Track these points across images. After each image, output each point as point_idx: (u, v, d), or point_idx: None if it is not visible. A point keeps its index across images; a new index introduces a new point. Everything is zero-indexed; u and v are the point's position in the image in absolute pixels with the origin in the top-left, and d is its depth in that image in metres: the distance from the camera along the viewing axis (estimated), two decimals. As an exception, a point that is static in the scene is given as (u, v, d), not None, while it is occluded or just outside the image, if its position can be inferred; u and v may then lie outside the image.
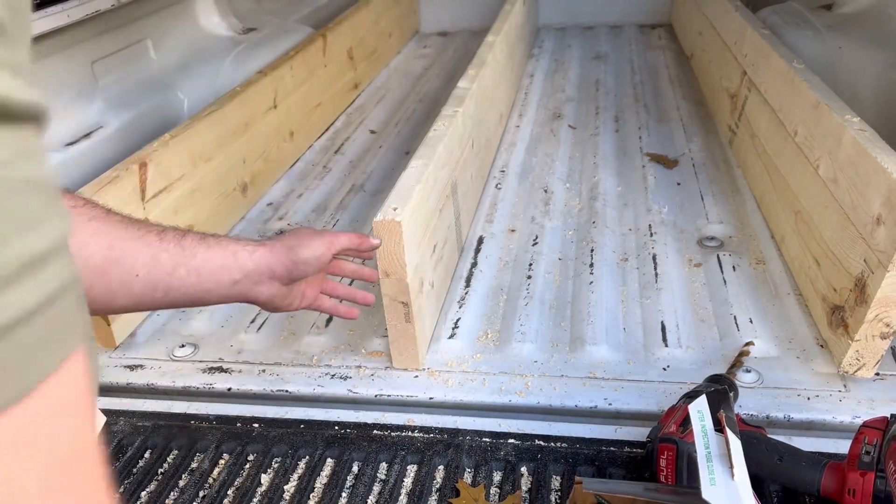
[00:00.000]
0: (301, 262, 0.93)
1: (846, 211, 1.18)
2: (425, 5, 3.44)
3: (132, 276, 0.78)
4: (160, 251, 0.80)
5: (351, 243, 1.00)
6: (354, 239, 1.01)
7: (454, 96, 1.57)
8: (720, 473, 0.76)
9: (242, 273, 0.88)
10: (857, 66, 1.96)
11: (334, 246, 0.98)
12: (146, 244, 0.80)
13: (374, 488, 1.02)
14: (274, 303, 0.95)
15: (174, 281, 0.81)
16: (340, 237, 0.99)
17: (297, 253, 0.93)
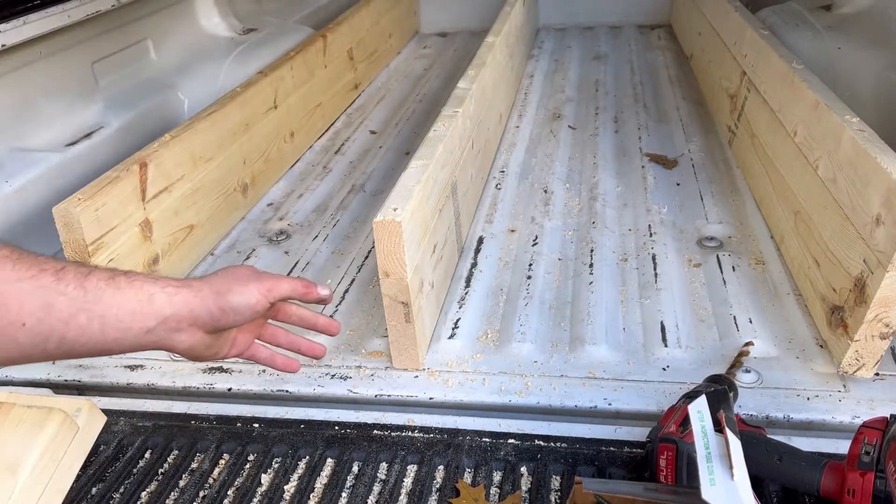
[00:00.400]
0: (230, 310, 0.79)
1: (845, 211, 1.18)
2: (425, 6, 3.44)
3: (17, 325, 0.65)
4: (56, 294, 0.67)
5: (294, 292, 0.86)
6: (299, 287, 0.86)
7: (454, 97, 1.57)
8: (720, 474, 0.76)
9: (158, 320, 0.73)
10: (857, 67, 1.96)
11: (273, 294, 0.83)
12: (38, 286, 0.66)
13: (375, 488, 1.02)
14: (195, 352, 0.80)
15: (71, 330, 0.68)
16: (282, 284, 0.85)
17: (227, 299, 0.78)
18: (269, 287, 0.83)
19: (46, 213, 1.23)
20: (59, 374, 1.29)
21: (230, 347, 0.87)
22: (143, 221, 1.37)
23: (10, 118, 1.60)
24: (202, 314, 0.77)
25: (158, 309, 0.73)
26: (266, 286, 0.82)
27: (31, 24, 1.56)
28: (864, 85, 1.91)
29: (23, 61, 1.62)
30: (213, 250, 1.65)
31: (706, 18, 2.50)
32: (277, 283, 0.84)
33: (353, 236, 1.70)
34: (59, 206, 1.20)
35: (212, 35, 2.37)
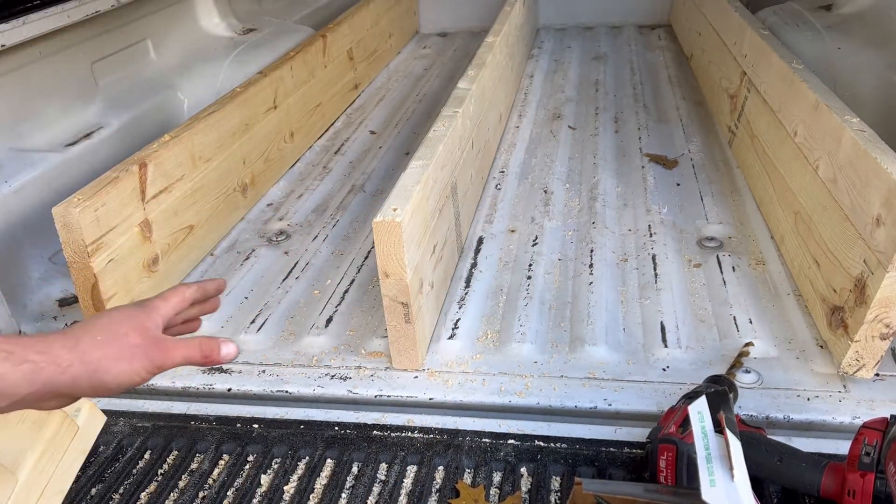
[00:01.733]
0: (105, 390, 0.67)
1: (846, 211, 1.18)
2: (425, 6, 3.44)
3: None
4: None
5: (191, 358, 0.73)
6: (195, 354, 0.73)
7: (454, 97, 1.57)
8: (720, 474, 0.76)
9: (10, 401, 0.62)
10: (857, 67, 1.96)
11: (162, 370, 0.70)
12: None
13: (374, 489, 1.02)
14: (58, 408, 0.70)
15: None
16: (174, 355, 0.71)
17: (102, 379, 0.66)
18: (159, 364, 0.70)
19: (46, 214, 1.23)
20: (58, 374, 1.29)
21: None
22: (142, 222, 1.37)
23: (10, 118, 1.60)
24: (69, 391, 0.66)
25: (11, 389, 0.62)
26: (155, 363, 0.69)
27: (30, 24, 1.56)
28: (864, 85, 1.91)
29: (23, 61, 1.62)
30: (212, 250, 1.65)
31: (706, 18, 2.50)
32: (169, 355, 0.70)
33: (352, 236, 1.70)
34: (58, 206, 1.20)
35: (212, 35, 2.37)
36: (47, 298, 1.50)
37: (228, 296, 1.47)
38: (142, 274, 1.36)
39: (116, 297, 1.29)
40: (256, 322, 1.39)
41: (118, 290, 1.29)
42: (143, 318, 0.71)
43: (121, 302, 1.30)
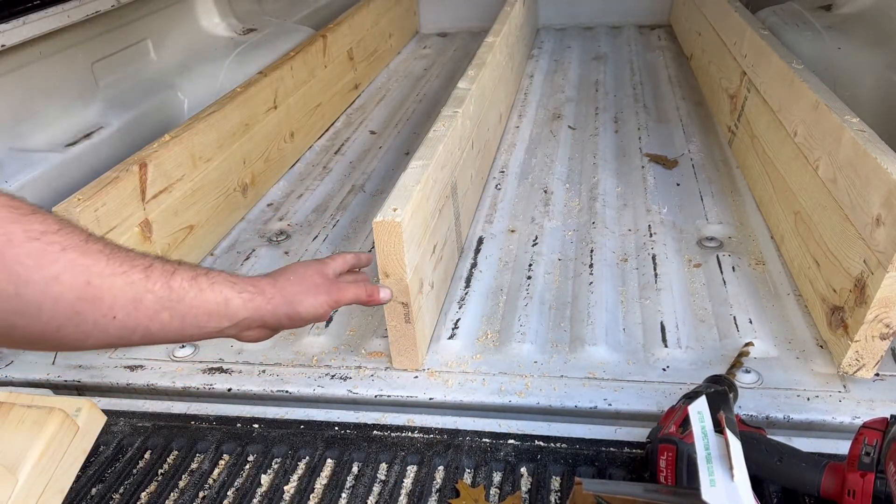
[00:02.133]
0: (298, 319, 0.87)
1: (846, 211, 1.18)
2: (425, 6, 3.44)
3: (109, 318, 0.68)
4: (145, 292, 0.70)
5: (358, 298, 0.96)
6: (362, 294, 0.96)
7: (454, 97, 1.57)
8: (720, 474, 0.76)
9: (232, 322, 0.80)
10: (857, 67, 1.96)
11: (338, 304, 0.93)
12: (129, 282, 0.69)
13: (374, 489, 1.02)
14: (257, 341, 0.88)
15: (154, 325, 0.72)
16: (346, 293, 0.93)
17: (297, 310, 0.86)
18: (337, 299, 0.91)
19: (46, 214, 1.23)
20: (59, 374, 1.29)
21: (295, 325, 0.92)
22: (142, 222, 1.37)
23: (10, 118, 1.60)
24: (271, 320, 0.84)
25: (234, 312, 0.79)
26: (334, 298, 0.91)
27: (31, 24, 1.56)
28: (864, 85, 1.91)
29: (23, 61, 1.62)
30: (212, 250, 1.65)
31: (706, 18, 2.50)
32: (342, 294, 0.92)
33: (352, 236, 1.70)
34: (58, 206, 1.20)
35: (212, 35, 2.37)
36: (47, 298, 1.50)
37: (228, 296, 1.47)
38: (142, 274, 1.36)
39: (116, 297, 1.29)
40: (256, 322, 1.39)
41: (118, 290, 1.29)
42: (322, 267, 0.93)
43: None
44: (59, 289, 0.63)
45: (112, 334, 0.69)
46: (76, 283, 0.65)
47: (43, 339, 0.65)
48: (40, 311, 0.63)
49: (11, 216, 0.62)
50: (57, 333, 0.65)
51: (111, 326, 0.68)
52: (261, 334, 0.86)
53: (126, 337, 0.71)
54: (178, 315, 0.74)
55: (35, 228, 0.63)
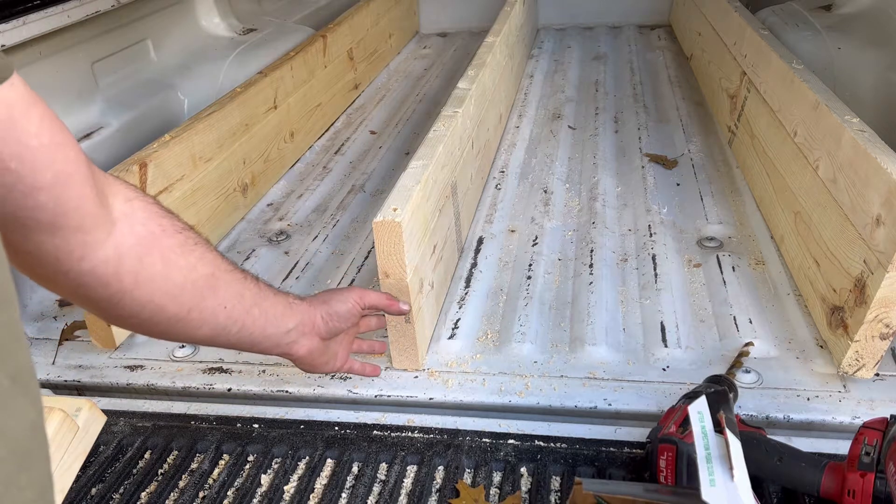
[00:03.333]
0: (335, 315, 0.99)
1: (845, 211, 1.18)
2: (425, 6, 3.44)
3: (221, 307, 0.79)
4: (244, 289, 0.82)
5: (380, 302, 1.06)
6: (383, 299, 1.06)
7: (454, 97, 1.57)
8: (720, 474, 0.76)
9: (295, 321, 0.92)
10: (857, 67, 1.96)
11: (364, 301, 1.03)
12: (235, 279, 0.81)
13: (374, 489, 1.02)
14: (312, 357, 0.99)
15: (248, 319, 0.83)
16: (370, 295, 1.04)
17: (332, 307, 0.99)
18: (361, 295, 1.03)
19: (46, 214, 1.23)
20: (58, 374, 1.29)
21: (335, 360, 1.05)
22: (142, 222, 1.37)
23: (9, 118, 1.60)
24: (318, 320, 0.97)
25: (296, 312, 0.92)
26: (357, 294, 1.02)
27: (31, 24, 1.56)
28: (864, 85, 1.91)
29: (23, 61, 1.62)
30: (212, 250, 1.65)
31: (706, 18, 2.50)
32: (366, 294, 1.04)
33: (352, 236, 1.70)
34: (58, 206, 1.20)
35: (212, 35, 2.37)
36: (47, 298, 1.50)
37: (228, 296, 1.47)
38: (142, 274, 1.36)
39: (116, 297, 1.29)
40: (256, 322, 1.39)
41: (118, 290, 1.29)
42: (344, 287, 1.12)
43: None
44: (195, 275, 0.74)
45: (220, 323, 0.80)
46: (206, 273, 0.76)
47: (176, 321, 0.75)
48: (182, 292, 0.73)
49: (162, 212, 0.73)
50: (187, 316, 0.75)
51: (221, 315, 0.79)
52: (312, 343, 0.97)
53: (228, 328, 0.81)
54: (263, 312, 0.86)
55: (178, 224, 0.74)
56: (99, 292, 0.68)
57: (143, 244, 0.69)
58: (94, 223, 0.64)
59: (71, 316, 1.44)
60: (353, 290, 1.03)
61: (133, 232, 0.68)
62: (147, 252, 0.69)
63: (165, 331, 0.77)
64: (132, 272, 0.68)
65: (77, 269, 0.65)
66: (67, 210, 0.61)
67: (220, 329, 0.80)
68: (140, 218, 0.70)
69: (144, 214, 0.70)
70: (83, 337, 1.37)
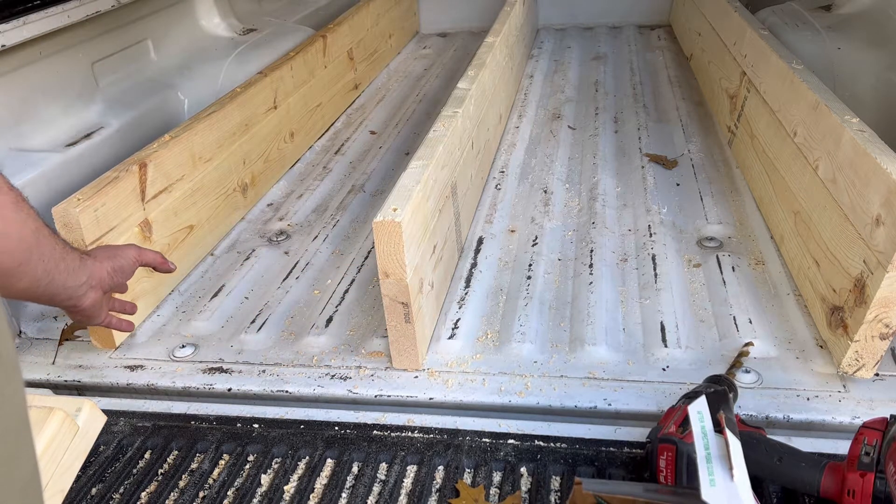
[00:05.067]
0: (120, 270, 1.08)
1: (845, 211, 1.18)
2: (425, 6, 3.44)
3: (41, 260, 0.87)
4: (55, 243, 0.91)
5: (154, 260, 1.19)
6: (158, 258, 1.20)
7: (454, 97, 1.57)
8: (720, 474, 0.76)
9: (87, 275, 1.01)
10: (857, 67, 1.96)
11: (142, 258, 1.15)
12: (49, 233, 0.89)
13: (374, 489, 1.02)
14: (94, 309, 1.06)
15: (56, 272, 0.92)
16: (147, 252, 1.17)
17: (117, 262, 1.08)
18: (139, 252, 1.15)
19: (46, 214, 1.23)
20: (59, 374, 1.29)
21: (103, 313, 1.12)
22: (142, 222, 1.37)
23: (10, 118, 1.60)
24: (104, 276, 1.05)
25: (87, 266, 1.01)
26: (136, 251, 1.14)
27: (31, 24, 1.56)
28: (864, 85, 1.92)
29: (23, 61, 1.62)
30: (213, 250, 1.65)
31: (706, 18, 2.50)
32: (143, 251, 1.16)
33: (352, 236, 1.70)
34: (58, 206, 1.20)
35: (212, 35, 2.37)
36: (47, 298, 1.50)
37: (229, 296, 1.47)
38: (142, 274, 1.36)
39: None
40: (256, 322, 1.39)
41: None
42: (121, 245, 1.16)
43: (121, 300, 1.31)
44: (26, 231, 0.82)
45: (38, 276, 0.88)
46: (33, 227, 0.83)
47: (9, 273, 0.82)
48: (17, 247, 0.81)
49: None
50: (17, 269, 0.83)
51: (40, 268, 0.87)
52: (97, 296, 1.05)
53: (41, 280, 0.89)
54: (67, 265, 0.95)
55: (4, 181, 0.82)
56: None
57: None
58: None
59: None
60: (132, 248, 1.13)
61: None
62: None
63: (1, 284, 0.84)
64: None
65: None
66: None
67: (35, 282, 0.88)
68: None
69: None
70: (83, 337, 1.37)
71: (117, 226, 1.29)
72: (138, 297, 1.36)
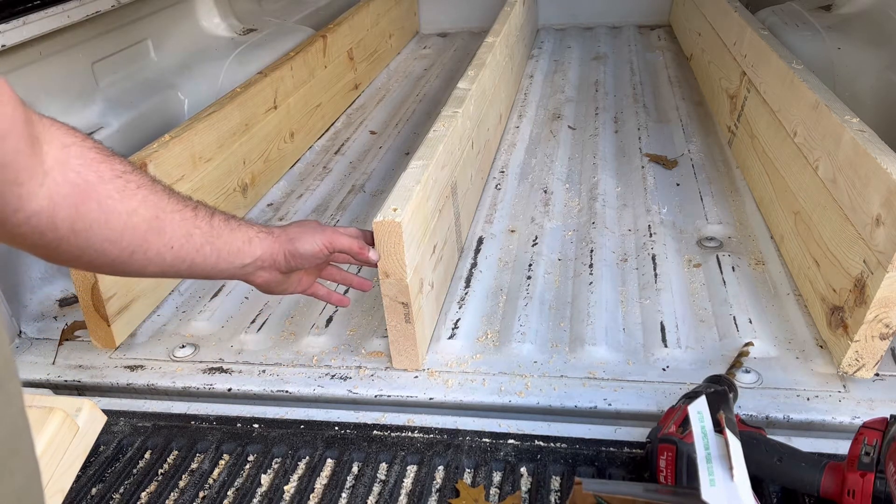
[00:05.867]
0: (298, 255, 0.98)
1: (845, 211, 1.18)
2: (425, 6, 3.44)
3: (168, 247, 0.81)
4: (194, 227, 0.84)
5: (351, 248, 1.04)
6: (354, 245, 1.04)
7: (454, 97, 1.57)
8: (720, 474, 0.76)
9: (252, 259, 0.94)
10: (856, 67, 1.96)
11: (333, 246, 1.02)
12: (183, 218, 0.83)
13: (374, 489, 1.02)
14: (269, 286, 1.00)
15: (199, 257, 0.86)
16: (342, 239, 1.03)
17: (296, 246, 0.98)
18: (331, 240, 1.02)
19: (46, 214, 1.23)
20: (59, 374, 1.29)
21: (297, 285, 1.05)
22: (142, 222, 1.37)
23: (9, 118, 1.60)
24: (279, 258, 0.97)
25: (254, 250, 0.93)
26: (329, 238, 1.01)
27: (31, 24, 1.56)
28: (864, 85, 1.92)
29: (23, 61, 1.62)
30: (212, 250, 1.65)
31: (706, 18, 2.50)
32: (338, 237, 1.03)
33: (352, 236, 1.69)
34: (58, 206, 1.20)
35: (212, 35, 2.37)
36: (47, 298, 1.50)
37: (229, 296, 1.47)
38: (142, 274, 1.36)
39: (116, 297, 1.29)
40: (257, 322, 1.39)
41: (118, 290, 1.29)
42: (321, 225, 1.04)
43: (121, 302, 1.31)
44: (136, 220, 0.75)
45: (168, 263, 0.82)
46: (148, 216, 0.77)
47: (119, 263, 0.77)
48: (122, 237, 0.75)
49: (100, 157, 0.72)
50: (130, 258, 0.77)
51: (168, 255, 0.81)
52: (270, 275, 0.98)
53: (177, 266, 0.84)
54: (215, 250, 0.87)
55: (118, 168, 0.74)
56: (35, 240, 0.69)
57: (78, 192, 0.69)
58: (28, 175, 0.64)
59: (71, 316, 1.44)
60: (325, 233, 1.01)
61: (67, 180, 0.68)
62: (83, 200, 0.70)
63: (112, 271, 0.79)
64: (67, 220, 0.69)
65: (13, 221, 0.66)
66: (1, 166, 0.61)
67: (168, 267, 0.83)
68: (74, 165, 0.69)
69: (79, 161, 0.70)
70: (83, 337, 1.37)
71: (117, 226, 1.29)
72: (138, 296, 1.36)
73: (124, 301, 1.32)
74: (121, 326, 1.33)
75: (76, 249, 0.72)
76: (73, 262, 0.75)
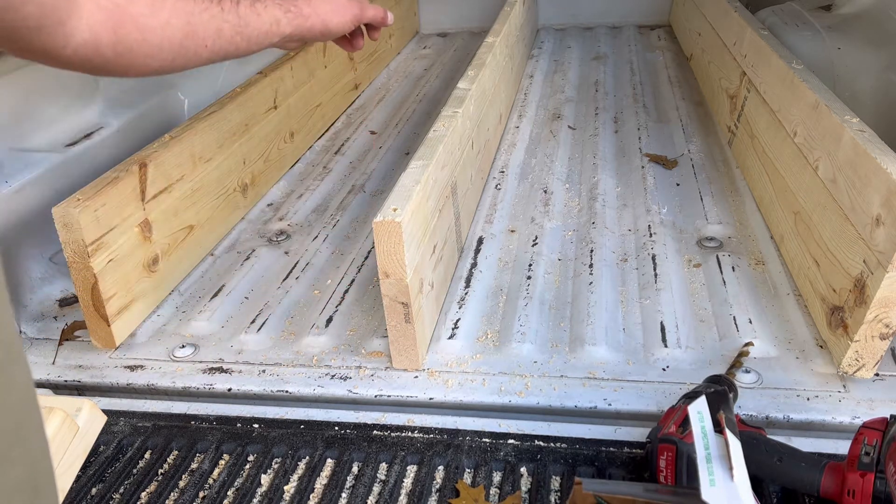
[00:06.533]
0: (328, 33, 1.07)
1: (845, 211, 1.18)
2: (425, 6, 3.44)
3: (203, 46, 0.87)
4: (223, 22, 0.90)
5: (375, 19, 1.16)
6: (380, 13, 1.17)
7: (454, 97, 1.57)
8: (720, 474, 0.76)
9: (280, 37, 1.01)
10: (856, 67, 1.96)
11: (361, 19, 1.12)
12: (212, 16, 0.88)
13: (374, 489, 1.02)
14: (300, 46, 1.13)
15: (231, 47, 0.93)
16: (368, 11, 1.13)
17: (328, 25, 1.06)
18: (358, 14, 1.11)
19: (46, 214, 1.23)
20: (59, 374, 1.29)
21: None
22: (142, 222, 1.37)
23: (10, 118, 1.60)
24: (308, 34, 1.05)
25: (282, 30, 1.00)
26: (357, 13, 1.10)
27: (31, 24, 1.56)
28: (864, 85, 1.92)
29: (23, 61, 1.62)
30: (212, 251, 1.65)
31: (706, 19, 2.50)
32: (365, 11, 1.12)
33: (353, 236, 1.70)
34: (58, 206, 1.20)
35: (212, 35, 2.37)
36: (47, 298, 1.50)
37: (229, 296, 1.47)
38: (142, 274, 1.36)
39: (116, 297, 1.29)
40: (256, 322, 1.39)
41: (118, 290, 1.29)
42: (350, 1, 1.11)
43: (121, 302, 1.31)
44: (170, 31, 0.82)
45: (205, 58, 0.90)
46: (180, 24, 0.83)
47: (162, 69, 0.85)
48: (161, 50, 0.82)
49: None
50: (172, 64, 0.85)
51: (204, 53, 0.89)
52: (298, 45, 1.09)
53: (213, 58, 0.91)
54: (246, 38, 0.94)
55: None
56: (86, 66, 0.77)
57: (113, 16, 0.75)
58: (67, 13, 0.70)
59: (71, 316, 1.44)
60: (354, 8, 1.09)
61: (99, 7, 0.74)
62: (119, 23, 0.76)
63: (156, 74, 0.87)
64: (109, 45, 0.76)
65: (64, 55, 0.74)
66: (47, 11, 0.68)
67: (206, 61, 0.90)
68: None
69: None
70: (83, 337, 1.37)
71: (117, 226, 1.29)
72: (138, 297, 1.36)
73: (124, 301, 1.32)
74: (121, 326, 1.33)
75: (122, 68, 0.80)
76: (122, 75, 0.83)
